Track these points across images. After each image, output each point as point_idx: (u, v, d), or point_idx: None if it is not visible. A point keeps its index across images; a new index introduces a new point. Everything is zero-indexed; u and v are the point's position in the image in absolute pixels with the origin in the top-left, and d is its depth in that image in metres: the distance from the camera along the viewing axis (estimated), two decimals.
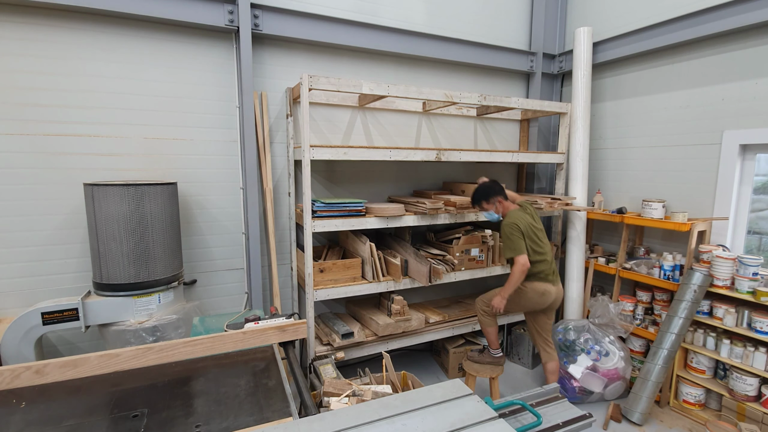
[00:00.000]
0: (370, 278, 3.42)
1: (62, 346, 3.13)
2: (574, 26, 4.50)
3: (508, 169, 4.82)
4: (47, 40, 2.85)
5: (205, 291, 3.53)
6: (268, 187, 3.49)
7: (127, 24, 3.03)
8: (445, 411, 1.53)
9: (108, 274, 2.70)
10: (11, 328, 2.58)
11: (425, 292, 4.45)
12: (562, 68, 4.62)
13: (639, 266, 3.77)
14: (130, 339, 2.70)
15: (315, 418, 1.46)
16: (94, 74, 2.99)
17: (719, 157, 3.43)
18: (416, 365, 4.27)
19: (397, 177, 4.17)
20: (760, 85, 3.17)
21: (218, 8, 3.13)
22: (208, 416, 1.52)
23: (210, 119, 3.36)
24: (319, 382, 2.81)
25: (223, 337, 1.97)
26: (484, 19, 4.31)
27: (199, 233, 3.45)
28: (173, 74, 3.21)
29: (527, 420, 1.75)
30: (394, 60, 3.98)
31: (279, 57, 3.52)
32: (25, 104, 2.84)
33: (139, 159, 3.17)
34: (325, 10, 3.52)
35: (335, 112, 3.81)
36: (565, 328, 3.86)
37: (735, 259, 3.14)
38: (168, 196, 2.87)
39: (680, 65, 3.67)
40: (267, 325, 2.13)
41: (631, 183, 4.13)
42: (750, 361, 3.04)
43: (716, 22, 3.28)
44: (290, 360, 2.08)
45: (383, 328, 3.41)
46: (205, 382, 1.76)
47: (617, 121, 4.23)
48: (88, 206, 2.68)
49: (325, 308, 3.98)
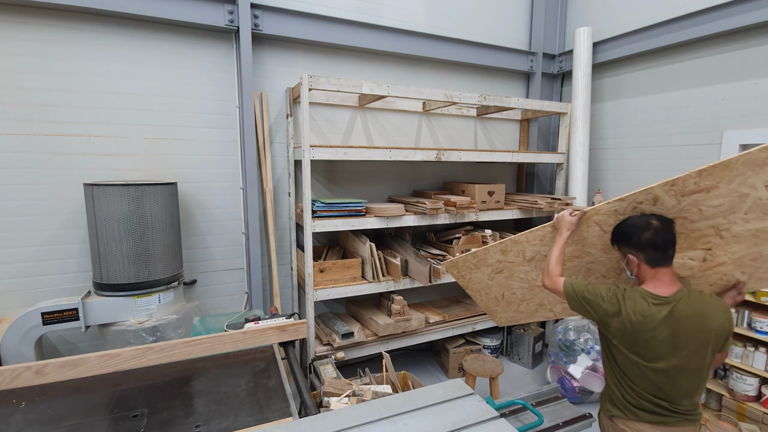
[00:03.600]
0: (370, 278, 3.42)
1: (62, 346, 3.13)
2: (574, 26, 4.50)
3: (508, 169, 4.82)
4: (47, 40, 2.84)
5: (205, 291, 3.52)
6: (268, 187, 3.49)
7: (127, 24, 3.03)
8: (447, 411, 1.52)
9: (108, 274, 2.70)
10: (11, 328, 2.58)
11: (425, 292, 4.45)
12: (562, 68, 4.62)
13: None
14: (130, 339, 2.70)
15: (316, 417, 1.45)
16: (94, 74, 2.99)
17: (719, 157, 3.43)
18: (416, 365, 4.27)
19: (397, 177, 4.17)
20: (760, 85, 3.17)
21: (218, 8, 3.13)
22: (208, 416, 1.52)
23: (210, 119, 3.36)
24: (319, 382, 2.81)
25: (223, 337, 1.97)
26: (484, 19, 4.31)
27: (199, 233, 3.45)
28: (173, 74, 3.21)
29: (528, 420, 1.75)
30: (395, 60, 3.98)
31: (279, 57, 3.52)
32: (26, 104, 2.83)
33: (139, 159, 3.17)
34: (326, 10, 3.52)
35: (335, 112, 3.81)
36: (565, 328, 3.86)
37: None
38: (168, 196, 2.87)
39: (680, 65, 3.67)
40: (267, 325, 2.13)
41: (631, 183, 4.13)
42: (750, 361, 3.04)
43: (716, 22, 3.28)
44: (290, 360, 2.08)
45: (383, 328, 3.41)
46: (205, 382, 1.76)
47: (617, 121, 4.23)
48: (88, 206, 2.68)
49: (325, 308, 3.98)
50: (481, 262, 2.46)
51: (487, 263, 2.44)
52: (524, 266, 2.36)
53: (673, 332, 1.63)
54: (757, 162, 1.53)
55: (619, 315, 1.67)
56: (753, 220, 1.67)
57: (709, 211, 1.74)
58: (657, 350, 1.64)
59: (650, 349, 1.65)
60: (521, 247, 2.26)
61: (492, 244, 2.33)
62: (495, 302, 2.68)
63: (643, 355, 1.67)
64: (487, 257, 2.40)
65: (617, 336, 1.71)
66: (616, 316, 1.68)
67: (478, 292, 2.65)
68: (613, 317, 1.68)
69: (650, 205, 1.84)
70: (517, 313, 2.69)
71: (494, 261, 2.41)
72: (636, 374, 1.70)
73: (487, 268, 2.47)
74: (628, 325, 1.65)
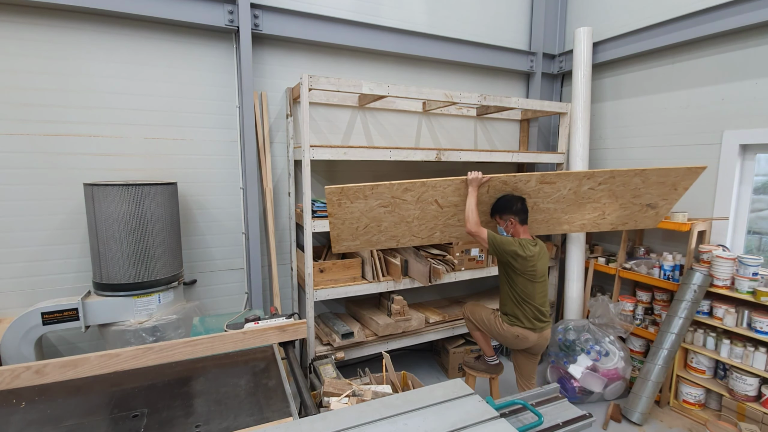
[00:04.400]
0: (370, 278, 3.42)
1: (62, 346, 3.13)
2: (574, 26, 4.50)
3: (508, 169, 4.81)
4: (47, 40, 2.84)
5: (205, 291, 3.52)
6: (268, 187, 3.49)
7: (127, 24, 3.03)
8: (447, 410, 1.52)
9: (108, 274, 2.70)
10: (11, 328, 2.58)
11: (425, 292, 4.45)
12: (562, 68, 4.62)
13: (639, 266, 3.77)
14: (130, 339, 2.70)
15: (317, 417, 1.45)
16: (94, 74, 2.99)
17: (719, 157, 3.43)
18: (416, 365, 4.27)
19: (397, 177, 4.16)
20: (760, 85, 3.17)
21: (218, 8, 3.13)
22: (208, 416, 1.52)
23: (210, 119, 3.36)
24: (319, 382, 2.81)
25: (223, 337, 1.97)
26: (484, 20, 4.31)
27: (199, 233, 3.45)
28: (173, 74, 3.21)
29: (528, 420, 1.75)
30: (395, 60, 3.98)
31: (279, 57, 3.52)
32: (26, 104, 2.83)
33: (139, 159, 3.17)
34: (326, 10, 3.52)
35: (335, 112, 3.81)
36: (565, 328, 3.86)
37: (735, 259, 3.14)
38: (168, 196, 2.87)
39: (680, 65, 3.67)
40: (267, 325, 2.13)
41: None
42: (750, 361, 3.04)
43: (716, 22, 3.28)
44: (290, 360, 2.08)
45: (383, 328, 3.41)
46: (205, 382, 1.76)
47: (617, 121, 4.23)
48: (88, 206, 2.68)
49: (325, 308, 3.98)
50: (374, 195, 2.69)
51: (381, 197, 2.71)
52: (412, 206, 2.83)
53: (540, 260, 2.75)
54: (572, 176, 2.86)
55: (521, 253, 2.66)
56: (553, 202, 3.06)
57: (544, 195, 3.00)
58: (536, 272, 2.73)
59: (534, 272, 2.72)
60: (427, 191, 2.75)
61: (399, 182, 2.64)
62: (351, 232, 2.87)
63: (532, 276, 2.72)
64: (385, 192, 2.68)
65: (519, 267, 2.70)
66: (520, 254, 2.66)
67: (343, 220, 2.79)
68: (518, 255, 2.66)
69: (523, 184, 2.88)
70: (364, 242, 3.01)
71: (389, 197, 2.73)
72: (528, 289, 2.74)
73: (375, 201, 2.73)
74: (526, 258, 2.67)
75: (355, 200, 2.67)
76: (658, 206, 3.21)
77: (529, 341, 2.79)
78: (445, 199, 2.87)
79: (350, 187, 2.58)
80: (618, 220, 3.32)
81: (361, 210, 2.74)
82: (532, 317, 2.77)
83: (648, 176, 2.90)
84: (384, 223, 2.87)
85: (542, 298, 2.81)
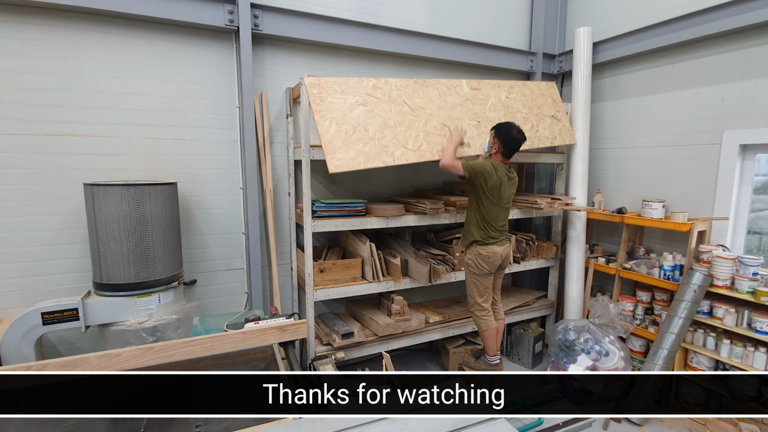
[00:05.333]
0: (370, 278, 3.42)
1: (62, 346, 3.13)
2: (574, 26, 4.49)
3: None
4: (47, 40, 2.84)
5: (205, 291, 3.52)
6: (268, 187, 3.49)
7: (127, 24, 3.03)
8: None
9: (108, 274, 2.70)
10: (11, 328, 2.58)
11: (425, 292, 4.44)
12: (562, 68, 4.62)
13: (639, 266, 3.77)
14: (130, 339, 2.70)
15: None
16: (94, 74, 2.98)
17: (719, 157, 3.43)
18: (416, 365, 4.27)
19: (397, 177, 4.17)
20: (760, 85, 3.17)
21: (218, 8, 3.13)
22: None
23: (210, 119, 3.35)
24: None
25: (223, 337, 1.97)
26: (484, 20, 4.30)
27: (199, 233, 3.44)
28: (173, 74, 3.20)
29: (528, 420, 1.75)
30: (395, 60, 3.98)
31: (279, 57, 3.52)
32: (25, 104, 2.83)
33: (139, 159, 3.17)
34: (326, 10, 3.52)
35: None
36: (565, 328, 3.86)
37: (735, 259, 3.14)
38: (168, 196, 2.87)
39: (680, 65, 3.67)
40: (267, 325, 2.13)
41: (631, 183, 4.13)
42: (750, 361, 3.03)
43: (716, 22, 3.28)
44: (290, 360, 2.08)
45: (383, 328, 3.41)
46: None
47: (617, 121, 4.23)
48: (88, 206, 2.68)
49: (325, 308, 3.98)
50: (349, 89, 2.93)
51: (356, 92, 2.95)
52: (386, 105, 3.03)
53: (509, 186, 3.10)
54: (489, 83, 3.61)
55: (494, 176, 2.95)
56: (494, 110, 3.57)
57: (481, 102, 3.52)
58: (502, 195, 3.04)
59: (501, 194, 3.03)
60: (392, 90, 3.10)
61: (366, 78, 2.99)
62: (341, 138, 2.86)
63: (498, 199, 3.03)
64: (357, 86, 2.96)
65: (489, 189, 2.98)
66: (492, 173, 2.94)
67: (329, 120, 2.85)
68: (490, 175, 2.94)
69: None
70: (358, 153, 2.92)
71: (363, 93, 2.98)
72: (493, 211, 3.06)
73: (353, 98, 2.94)
74: (497, 181, 2.97)
75: (334, 95, 2.89)
76: (559, 118, 3.92)
77: (497, 256, 3.13)
78: (411, 101, 3.16)
79: (326, 79, 2.91)
80: (549, 134, 3.83)
81: (342, 109, 2.89)
82: (493, 233, 3.12)
83: (519, 89, 3.78)
84: (370, 128, 2.97)
85: (503, 221, 3.19)
